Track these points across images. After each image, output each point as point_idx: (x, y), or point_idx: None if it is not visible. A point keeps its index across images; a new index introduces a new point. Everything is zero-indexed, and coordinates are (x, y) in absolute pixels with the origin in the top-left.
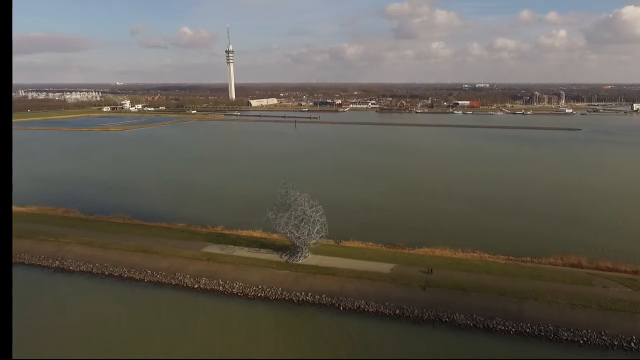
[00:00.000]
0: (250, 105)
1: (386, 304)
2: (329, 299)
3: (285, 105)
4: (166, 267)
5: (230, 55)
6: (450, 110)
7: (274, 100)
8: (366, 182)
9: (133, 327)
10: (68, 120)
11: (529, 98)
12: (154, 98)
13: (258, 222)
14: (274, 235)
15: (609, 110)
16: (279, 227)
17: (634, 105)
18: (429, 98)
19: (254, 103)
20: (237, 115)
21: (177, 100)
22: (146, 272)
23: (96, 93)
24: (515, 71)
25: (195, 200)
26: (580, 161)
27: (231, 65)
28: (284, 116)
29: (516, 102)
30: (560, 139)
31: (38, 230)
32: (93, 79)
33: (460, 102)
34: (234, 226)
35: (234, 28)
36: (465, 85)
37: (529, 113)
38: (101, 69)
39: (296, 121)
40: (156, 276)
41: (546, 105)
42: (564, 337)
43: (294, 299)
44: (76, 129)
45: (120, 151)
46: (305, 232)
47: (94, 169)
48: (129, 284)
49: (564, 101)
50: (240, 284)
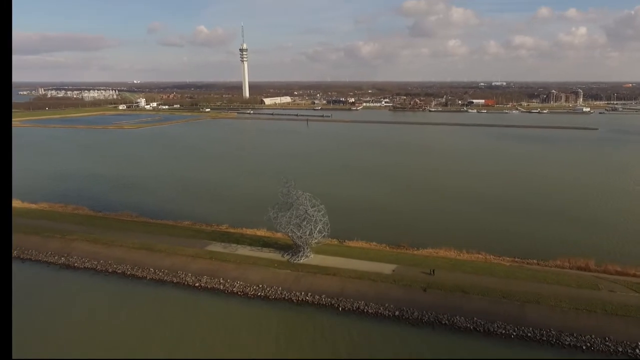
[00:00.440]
0: (264, 103)
1: (386, 305)
2: (329, 300)
3: (298, 104)
4: (169, 265)
5: (244, 53)
6: (465, 109)
7: (287, 99)
8: (374, 182)
9: (132, 327)
10: (84, 118)
11: (545, 96)
12: (169, 96)
13: (263, 221)
14: (278, 234)
15: (629, 109)
16: (280, 226)
17: None
18: (444, 96)
19: (267, 101)
20: (250, 113)
21: (192, 98)
22: (149, 270)
23: (113, 91)
24: (533, 69)
25: (202, 199)
26: (594, 161)
27: (245, 63)
28: (296, 114)
29: (532, 101)
30: (576, 138)
31: (47, 227)
32: (112, 77)
33: (475, 101)
34: (240, 224)
35: (251, 26)
36: (482, 84)
37: (545, 112)
38: (120, 67)
39: (308, 119)
40: (158, 274)
41: (563, 104)
42: (567, 342)
43: (293, 298)
44: (91, 127)
45: (133, 149)
46: (307, 232)
47: (106, 166)
48: (131, 282)
49: (581, 100)
50: (241, 282)
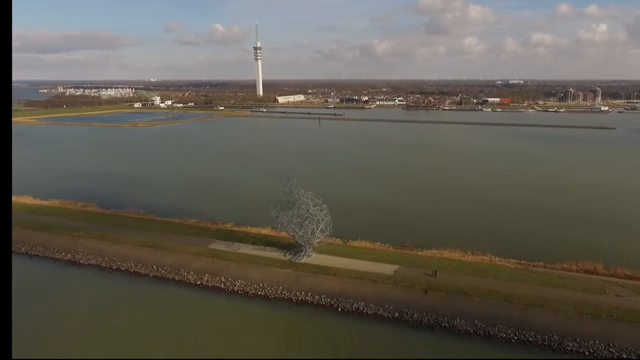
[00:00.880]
0: (277, 101)
1: (385, 306)
2: (328, 300)
3: (311, 102)
4: (171, 263)
5: (257, 51)
6: (479, 107)
7: (300, 97)
8: (381, 181)
9: (132, 326)
10: (100, 116)
11: (563, 95)
12: (184, 94)
13: (267, 220)
14: (282, 233)
15: None
16: (281, 226)
17: None
18: (459, 95)
19: (281, 99)
20: (263, 111)
21: (206, 96)
22: (152, 268)
23: (130, 89)
24: (552, 67)
25: (210, 197)
26: (609, 161)
27: (259, 61)
28: (309, 113)
29: (549, 99)
30: (592, 137)
31: (55, 223)
32: (130, 75)
33: (490, 99)
34: (245, 223)
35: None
36: (498, 82)
37: (561, 111)
38: (137, 65)
39: (320, 118)
40: (161, 272)
41: (581, 103)
42: (569, 348)
43: (293, 298)
44: (106, 125)
45: (145, 147)
46: (308, 231)
47: (118, 164)
48: (134, 279)
49: (600, 98)
50: (242, 281)
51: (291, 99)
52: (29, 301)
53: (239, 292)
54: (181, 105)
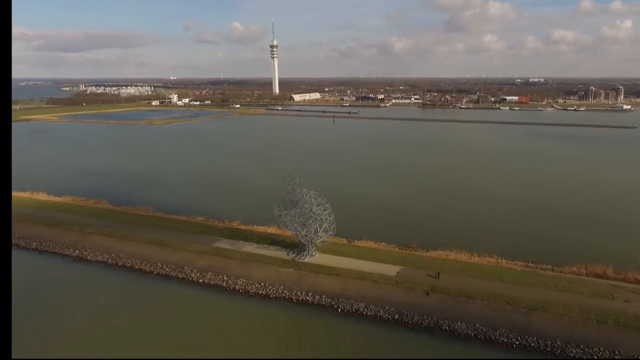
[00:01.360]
0: (293, 99)
1: (386, 308)
2: (329, 300)
3: (327, 100)
4: (175, 261)
5: (274, 50)
6: (496, 106)
7: (316, 95)
8: (390, 180)
9: (132, 326)
10: (118, 113)
11: (583, 93)
12: (201, 92)
13: (274, 218)
14: (287, 232)
15: None
16: (284, 225)
17: None
18: (476, 93)
19: (297, 98)
20: (279, 109)
21: (223, 94)
22: (156, 265)
23: (149, 87)
24: (574, 65)
25: (220, 195)
26: (625, 161)
27: (275, 60)
28: (324, 111)
29: (569, 98)
30: (611, 137)
31: (67, 220)
32: (149, 73)
33: (508, 98)
34: (252, 221)
35: (284, 22)
36: (518, 80)
37: (581, 109)
38: (156, 64)
39: (334, 116)
40: (165, 269)
41: (602, 101)
42: (572, 354)
43: (293, 298)
44: (124, 122)
45: (160, 145)
46: (311, 231)
47: (132, 161)
48: (138, 276)
49: (622, 97)
50: (244, 280)
51: (307, 97)
52: (31, 299)
53: (241, 291)
54: (198, 103)
